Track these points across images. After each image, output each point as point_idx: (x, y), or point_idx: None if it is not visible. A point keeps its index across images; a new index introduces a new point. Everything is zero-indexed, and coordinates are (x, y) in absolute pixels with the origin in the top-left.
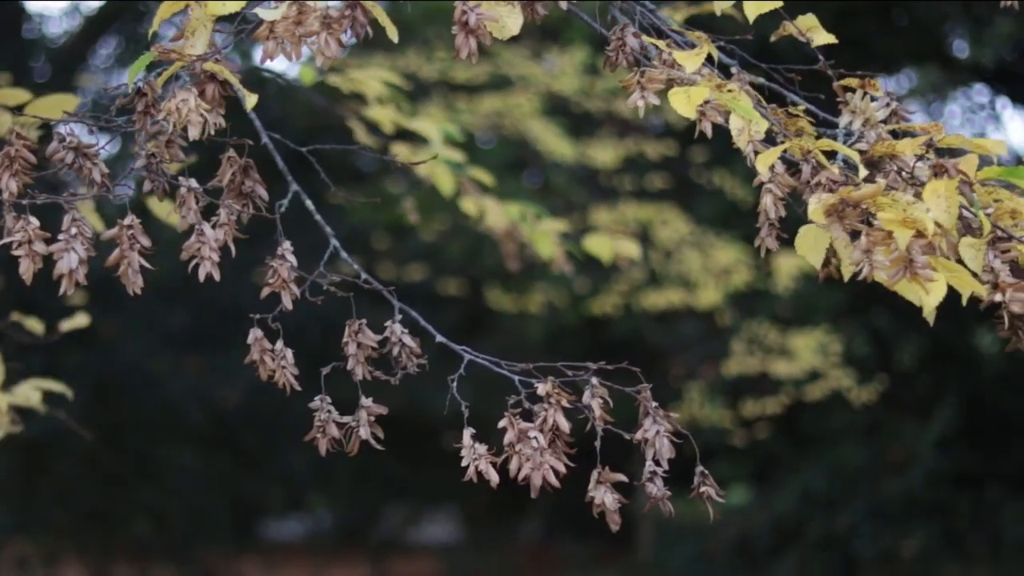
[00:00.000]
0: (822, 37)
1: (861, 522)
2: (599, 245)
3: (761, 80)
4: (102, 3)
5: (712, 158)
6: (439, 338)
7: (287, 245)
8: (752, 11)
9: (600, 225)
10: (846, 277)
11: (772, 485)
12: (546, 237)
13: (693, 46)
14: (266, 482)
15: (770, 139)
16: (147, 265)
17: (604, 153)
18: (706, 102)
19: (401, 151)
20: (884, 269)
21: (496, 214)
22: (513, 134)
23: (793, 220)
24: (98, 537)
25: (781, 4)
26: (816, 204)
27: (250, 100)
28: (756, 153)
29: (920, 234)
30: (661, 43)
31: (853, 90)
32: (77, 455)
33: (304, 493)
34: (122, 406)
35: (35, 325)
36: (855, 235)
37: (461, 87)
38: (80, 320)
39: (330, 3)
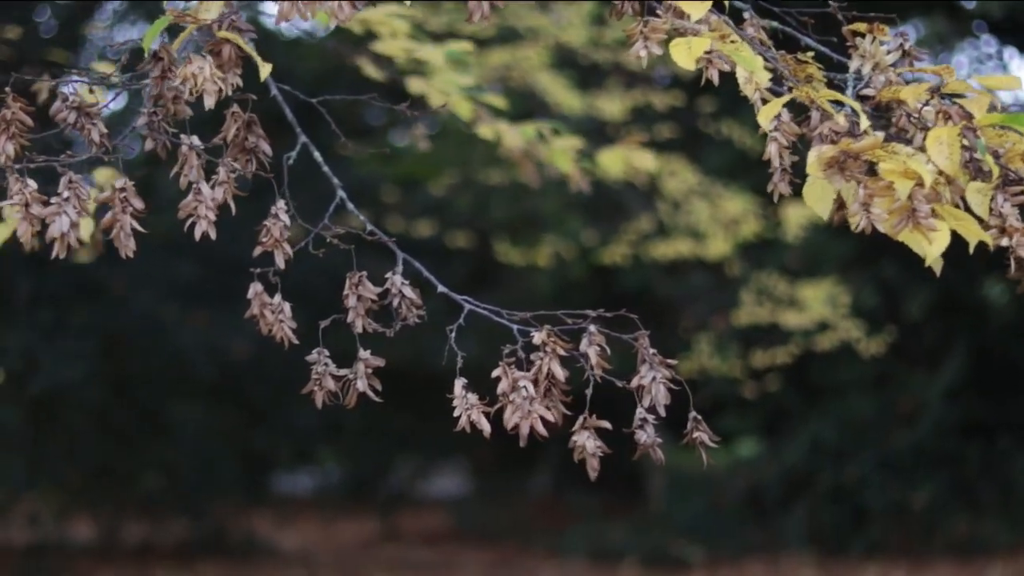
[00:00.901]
0: None
1: (870, 473)
2: (611, 160)
3: (774, 24)
4: None
5: (720, 108)
6: (440, 288)
7: (281, 204)
8: None
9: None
10: (853, 226)
11: (782, 437)
12: (564, 154)
13: None
14: (275, 436)
15: (779, 84)
16: (139, 228)
17: (612, 105)
18: (709, 52)
19: (413, 83)
20: (884, 221)
21: (512, 136)
22: (521, 87)
23: (802, 169)
24: (109, 492)
25: None
26: (815, 156)
27: (264, 69)
28: (763, 101)
29: (921, 184)
30: None
31: (863, 35)
32: (86, 410)
33: (313, 447)
34: (130, 360)
35: None
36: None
37: (469, 40)
38: None
39: None
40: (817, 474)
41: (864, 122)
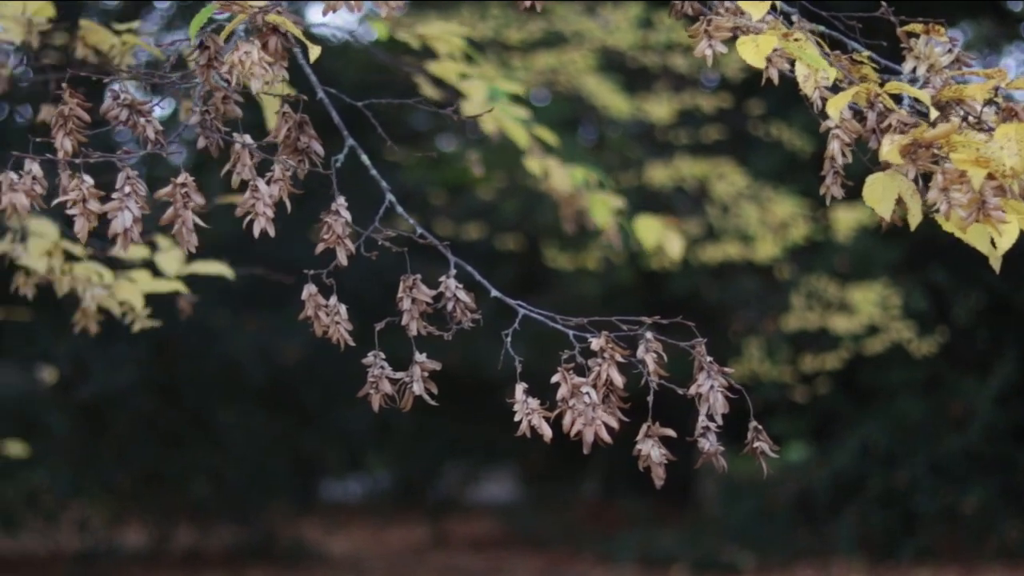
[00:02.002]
0: None
1: (921, 477)
2: (646, 229)
3: (822, 28)
4: None
5: (769, 110)
6: (494, 292)
7: (341, 201)
8: None
9: (656, 181)
10: (912, 226)
11: (832, 441)
12: (604, 205)
13: None
14: (325, 441)
15: (834, 87)
16: (201, 223)
17: (660, 108)
18: (774, 50)
19: (475, 89)
20: (963, 207)
21: (560, 176)
22: (568, 91)
23: (853, 172)
24: (158, 498)
25: None
26: (889, 145)
27: (313, 52)
28: (823, 100)
29: (992, 176)
30: None
31: (917, 36)
32: (136, 416)
33: (363, 453)
34: (180, 365)
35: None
36: (926, 178)
37: (516, 46)
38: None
39: None
40: (867, 478)
41: (933, 112)
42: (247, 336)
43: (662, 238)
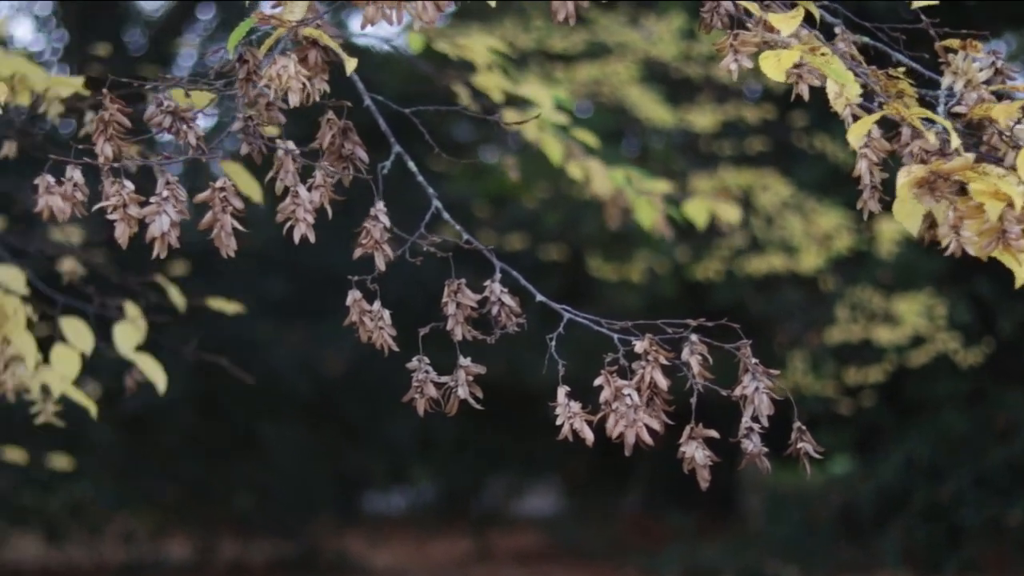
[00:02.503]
0: None
1: (966, 490)
2: (696, 209)
3: (866, 40)
4: None
5: (812, 122)
6: (539, 297)
7: (380, 206)
8: None
9: (700, 191)
10: (944, 243)
11: (876, 454)
12: (648, 204)
13: (795, 6)
14: (369, 454)
15: (869, 100)
16: (240, 228)
17: (703, 119)
18: (799, 65)
19: (508, 114)
20: (973, 244)
21: (601, 179)
22: (611, 102)
23: (893, 185)
24: (202, 511)
25: None
26: (905, 177)
27: (349, 64)
28: (854, 116)
29: (1012, 205)
30: (754, 6)
31: (955, 51)
32: (180, 429)
33: (406, 465)
34: (224, 378)
35: (176, 297)
36: (964, 192)
37: (558, 56)
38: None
39: None
40: (912, 492)
41: (955, 141)
42: (290, 348)
43: (715, 210)
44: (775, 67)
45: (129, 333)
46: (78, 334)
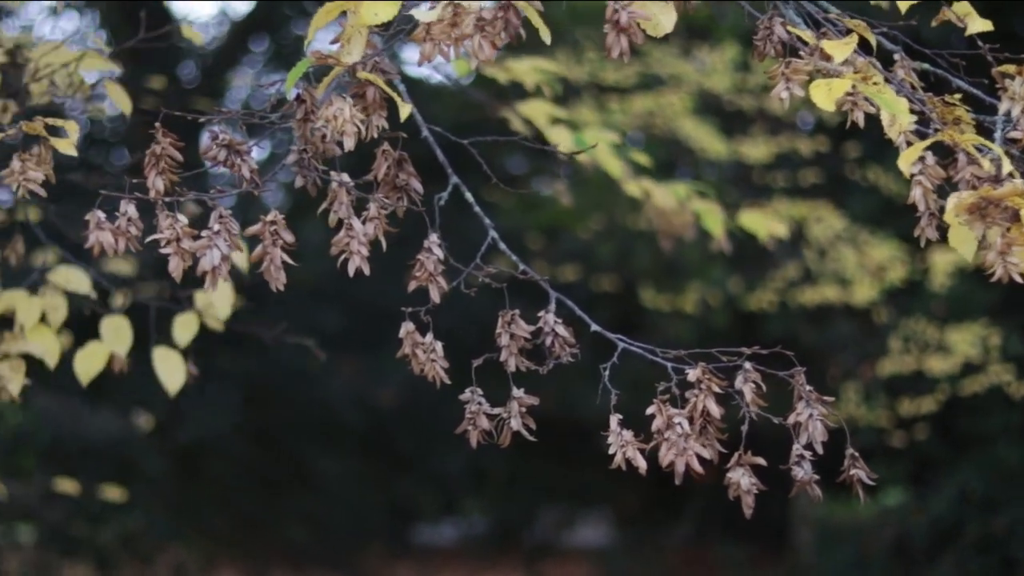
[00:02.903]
0: (977, 24)
1: (1019, 523)
2: (754, 221)
3: (925, 66)
4: (251, 5)
5: (866, 153)
6: (594, 327)
7: (434, 238)
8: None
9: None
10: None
11: (928, 486)
12: (713, 214)
13: (849, 33)
14: (421, 485)
15: (926, 126)
16: (290, 261)
17: (756, 150)
18: (852, 93)
19: (561, 138)
20: (1021, 270)
21: (662, 195)
22: (664, 133)
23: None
24: (254, 542)
25: None
26: (954, 202)
27: (404, 110)
28: (908, 143)
29: None
30: (807, 34)
31: (1012, 76)
32: (232, 460)
33: (458, 496)
34: (276, 409)
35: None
36: None
37: (611, 88)
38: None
39: (484, 4)
40: (965, 524)
41: (1007, 167)
42: (342, 380)
43: (770, 226)
44: (825, 96)
45: (189, 324)
46: (117, 332)
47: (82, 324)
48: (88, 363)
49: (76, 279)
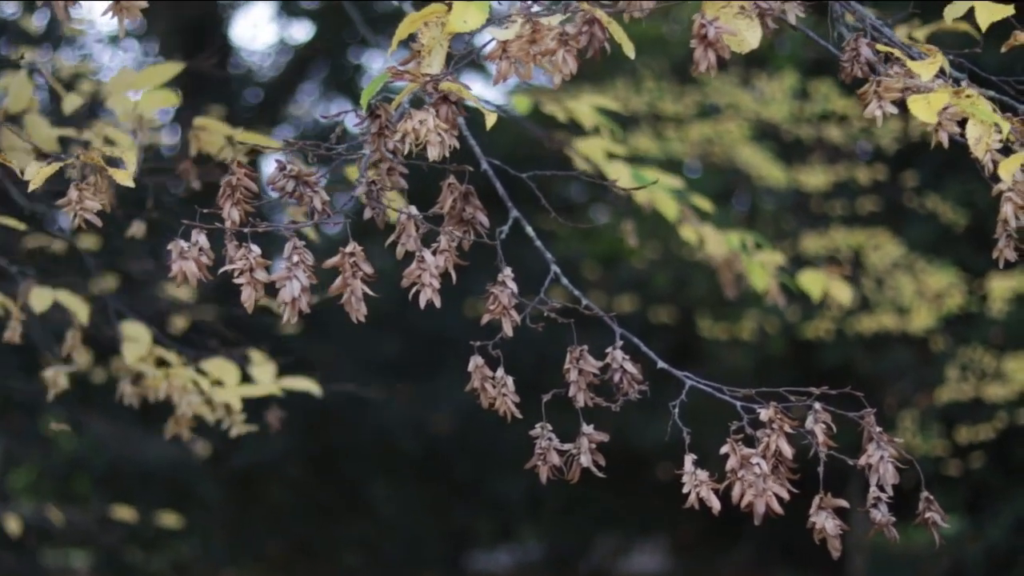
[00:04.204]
0: None
1: None
2: (812, 281)
3: (991, 93)
4: (310, 33)
5: (923, 182)
6: (660, 364)
7: (508, 272)
8: (984, 18)
9: (810, 252)
10: None
11: (984, 514)
12: (761, 269)
13: (924, 58)
14: (476, 512)
15: (1006, 150)
16: (370, 292)
17: (814, 178)
18: (945, 108)
19: (619, 173)
20: None
21: (716, 242)
22: (723, 161)
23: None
24: (309, 568)
25: (1012, 11)
26: None
27: (489, 119)
28: (995, 163)
29: None
30: (897, 51)
31: None
32: (289, 485)
33: (514, 523)
34: (333, 435)
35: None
36: None
37: (669, 118)
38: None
39: (562, 19)
40: (1021, 553)
41: None
42: (399, 406)
43: (828, 287)
44: (925, 109)
45: (267, 369)
46: (137, 332)
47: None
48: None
49: (138, 333)
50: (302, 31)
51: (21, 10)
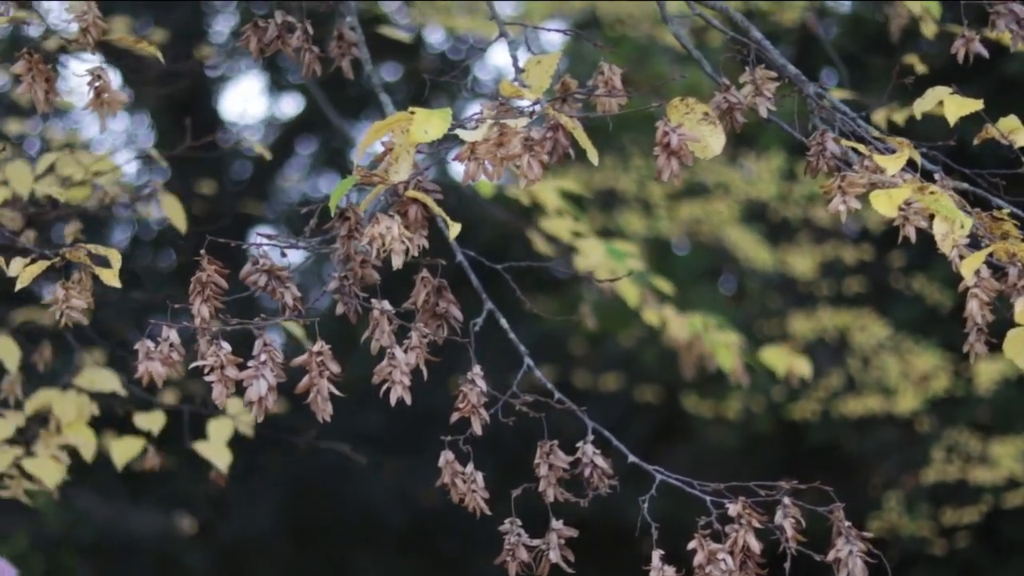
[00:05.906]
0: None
1: None
2: (774, 357)
3: (964, 185)
4: (299, 107)
5: (910, 263)
6: (631, 458)
7: (477, 370)
8: (953, 113)
9: (798, 333)
10: None
11: None
12: (726, 348)
13: (893, 152)
14: None
15: (975, 243)
16: (336, 392)
17: (802, 260)
18: (908, 204)
19: (592, 249)
20: None
21: (678, 325)
22: (711, 240)
23: (998, 322)
24: None
25: (982, 106)
26: (1021, 307)
27: (453, 230)
28: (961, 257)
29: None
30: (862, 147)
31: None
32: (275, 558)
33: None
34: (319, 508)
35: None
36: None
37: (659, 203)
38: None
39: (529, 123)
40: None
41: None
42: (385, 480)
43: (790, 363)
44: (887, 204)
45: (223, 427)
46: (151, 422)
47: (121, 425)
48: (125, 450)
49: (102, 379)
50: (292, 105)
51: (10, 83)
